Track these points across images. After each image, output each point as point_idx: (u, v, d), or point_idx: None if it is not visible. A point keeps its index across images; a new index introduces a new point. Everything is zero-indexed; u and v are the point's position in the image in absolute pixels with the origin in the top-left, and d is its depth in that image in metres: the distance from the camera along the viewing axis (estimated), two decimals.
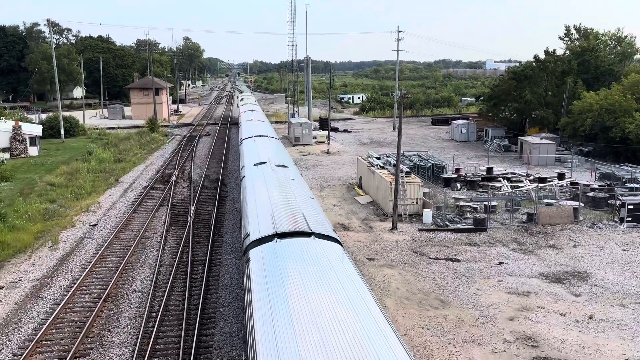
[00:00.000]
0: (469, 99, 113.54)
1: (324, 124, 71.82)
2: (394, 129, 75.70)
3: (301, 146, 61.02)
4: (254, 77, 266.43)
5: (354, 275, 12.58)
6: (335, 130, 73.32)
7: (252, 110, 56.27)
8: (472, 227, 30.30)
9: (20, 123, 54.33)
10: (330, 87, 74.68)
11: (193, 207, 33.60)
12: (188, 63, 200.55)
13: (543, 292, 22.16)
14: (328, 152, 56.62)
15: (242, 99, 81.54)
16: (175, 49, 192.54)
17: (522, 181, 40.32)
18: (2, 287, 22.28)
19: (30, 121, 64.91)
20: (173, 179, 41.94)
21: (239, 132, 36.53)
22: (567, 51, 68.20)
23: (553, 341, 18.21)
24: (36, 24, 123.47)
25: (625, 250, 27.24)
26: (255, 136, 34.86)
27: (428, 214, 31.58)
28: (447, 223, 31.08)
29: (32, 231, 29.11)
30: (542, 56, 63.14)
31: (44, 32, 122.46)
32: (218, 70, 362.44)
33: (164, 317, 19.61)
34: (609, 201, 33.74)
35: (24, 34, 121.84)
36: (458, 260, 25.72)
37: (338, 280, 11.99)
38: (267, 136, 35.30)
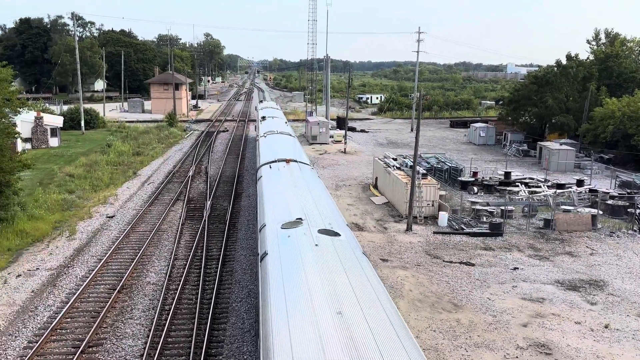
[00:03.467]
0: (488, 102, 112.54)
1: (341, 123, 71.77)
2: (411, 130, 75.36)
3: (318, 145, 61.03)
4: (273, 75, 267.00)
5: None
6: (353, 130, 73.21)
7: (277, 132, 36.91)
8: (488, 231, 30.06)
9: (42, 114, 55.07)
10: (348, 87, 74.64)
11: (209, 203, 33.78)
12: (208, 59, 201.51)
13: (558, 300, 21.91)
14: (344, 152, 56.56)
15: (262, 116, 48.56)
16: (196, 45, 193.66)
17: (540, 187, 39.91)
18: (20, 275, 22.62)
19: (51, 112, 65.80)
20: (190, 173, 42.21)
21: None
22: (592, 56, 67.28)
23: (567, 349, 18.00)
24: (60, 17, 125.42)
25: None
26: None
27: (444, 217, 31.39)
28: (463, 226, 30.87)
29: (51, 221, 29.51)
30: (564, 61, 62.40)
31: (67, 25, 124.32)
32: (238, 67, 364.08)
33: (177, 310, 19.76)
34: (628, 209, 33.24)
35: (48, 26, 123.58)
36: (472, 265, 25.53)
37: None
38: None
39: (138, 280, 22.45)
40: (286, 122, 48.51)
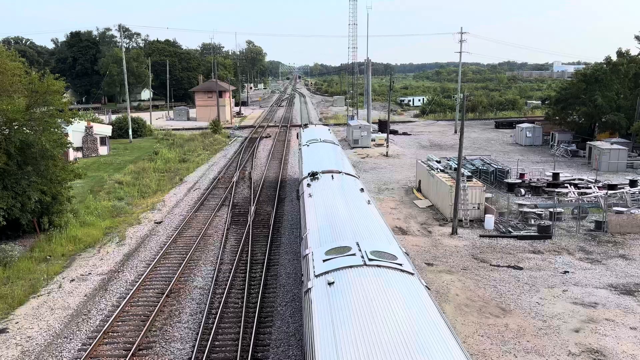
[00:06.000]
0: (534, 102, 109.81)
1: (383, 126, 71.46)
2: (455, 132, 74.34)
3: (360, 149, 60.91)
4: (314, 80, 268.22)
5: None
6: (395, 132, 72.74)
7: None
8: (536, 234, 29.32)
9: (92, 124, 56.98)
10: (390, 90, 74.17)
11: (253, 207, 34.18)
12: (250, 66, 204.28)
13: (612, 304, 21.15)
14: (387, 155, 56.25)
15: (312, 173, 25.18)
16: (238, 53, 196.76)
17: (590, 188, 38.67)
18: (74, 280, 23.41)
19: (101, 122, 67.95)
20: (234, 179, 42.82)
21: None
22: None
23: (622, 356, 17.34)
24: (108, 29, 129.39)
25: None
26: None
27: (490, 220, 30.79)
28: (510, 229, 30.22)
29: (101, 227, 30.45)
30: (614, 57, 60.38)
31: (115, 36, 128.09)
32: (279, 73, 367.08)
33: (224, 314, 20.05)
34: None
35: (97, 38, 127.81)
36: (521, 268, 24.95)
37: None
38: None
39: (185, 284, 22.90)
40: (363, 190, 22.71)
